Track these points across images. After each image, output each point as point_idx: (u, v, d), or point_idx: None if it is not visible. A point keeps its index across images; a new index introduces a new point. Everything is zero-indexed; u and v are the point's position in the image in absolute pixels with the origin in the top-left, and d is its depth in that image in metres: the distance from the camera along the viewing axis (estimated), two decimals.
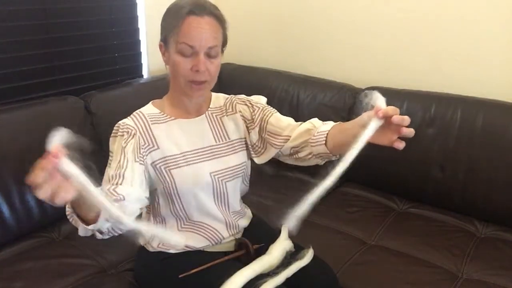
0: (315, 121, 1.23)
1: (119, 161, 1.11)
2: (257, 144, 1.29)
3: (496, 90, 1.80)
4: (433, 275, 1.44)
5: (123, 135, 1.16)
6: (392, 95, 1.89)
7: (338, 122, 1.18)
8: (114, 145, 1.16)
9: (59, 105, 1.70)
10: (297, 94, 2.09)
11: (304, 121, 1.24)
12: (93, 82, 1.97)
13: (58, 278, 1.38)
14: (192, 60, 1.13)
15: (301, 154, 1.21)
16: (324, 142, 1.13)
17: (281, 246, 1.20)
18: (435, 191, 1.80)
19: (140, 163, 1.15)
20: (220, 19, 1.16)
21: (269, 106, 1.32)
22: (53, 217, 1.64)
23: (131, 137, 1.16)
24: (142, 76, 2.21)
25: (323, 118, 1.96)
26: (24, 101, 1.67)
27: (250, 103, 1.31)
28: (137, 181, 1.12)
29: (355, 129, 0.96)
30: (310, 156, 1.19)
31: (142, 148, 1.17)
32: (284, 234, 1.23)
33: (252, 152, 1.31)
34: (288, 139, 1.22)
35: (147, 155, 1.18)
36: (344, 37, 2.14)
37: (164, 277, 1.21)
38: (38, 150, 0.74)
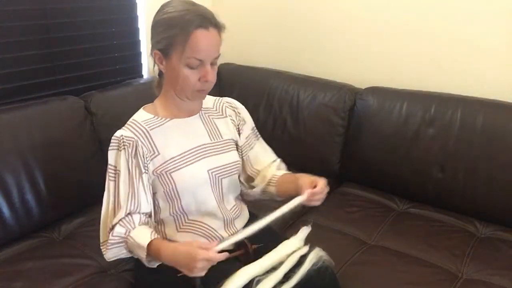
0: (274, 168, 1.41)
1: (132, 183, 1.17)
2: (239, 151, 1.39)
3: (496, 90, 1.80)
4: (433, 275, 1.44)
5: (125, 149, 1.18)
6: (392, 95, 1.89)
7: (289, 172, 1.40)
8: (119, 160, 1.18)
9: (59, 105, 1.70)
10: (297, 94, 2.09)
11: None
12: (93, 82, 1.96)
13: (58, 278, 1.38)
14: (199, 71, 1.17)
15: (253, 183, 1.39)
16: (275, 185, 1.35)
17: (291, 247, 1.19)
18: (435, 191, 1.80)
19: (145, 173, 1.20)
20: (221, 29, 1.19)
21: (254, 130, 1.43)
22: (53, 217, 1.64)
23: (134, 149, 1.18)
24: (142, 76, 2.21)
25: (323, 118, 2.00)
26: (24, 101, 1.67)
27: (238, 112, 1.39)
28: (148, 194, 1.20)
29: (294, 185, 1.23)
30: (259, 190, 1.37)
31: (145, 158, 1.20)
32: (300, 236, 1.22)
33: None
34: (257, 173, 1.40)
35: (149, 163, 1.21)
36: (344, 37, 2.13)
37: (163, 276, 1.21)
38: (38, 150, 0.75)
